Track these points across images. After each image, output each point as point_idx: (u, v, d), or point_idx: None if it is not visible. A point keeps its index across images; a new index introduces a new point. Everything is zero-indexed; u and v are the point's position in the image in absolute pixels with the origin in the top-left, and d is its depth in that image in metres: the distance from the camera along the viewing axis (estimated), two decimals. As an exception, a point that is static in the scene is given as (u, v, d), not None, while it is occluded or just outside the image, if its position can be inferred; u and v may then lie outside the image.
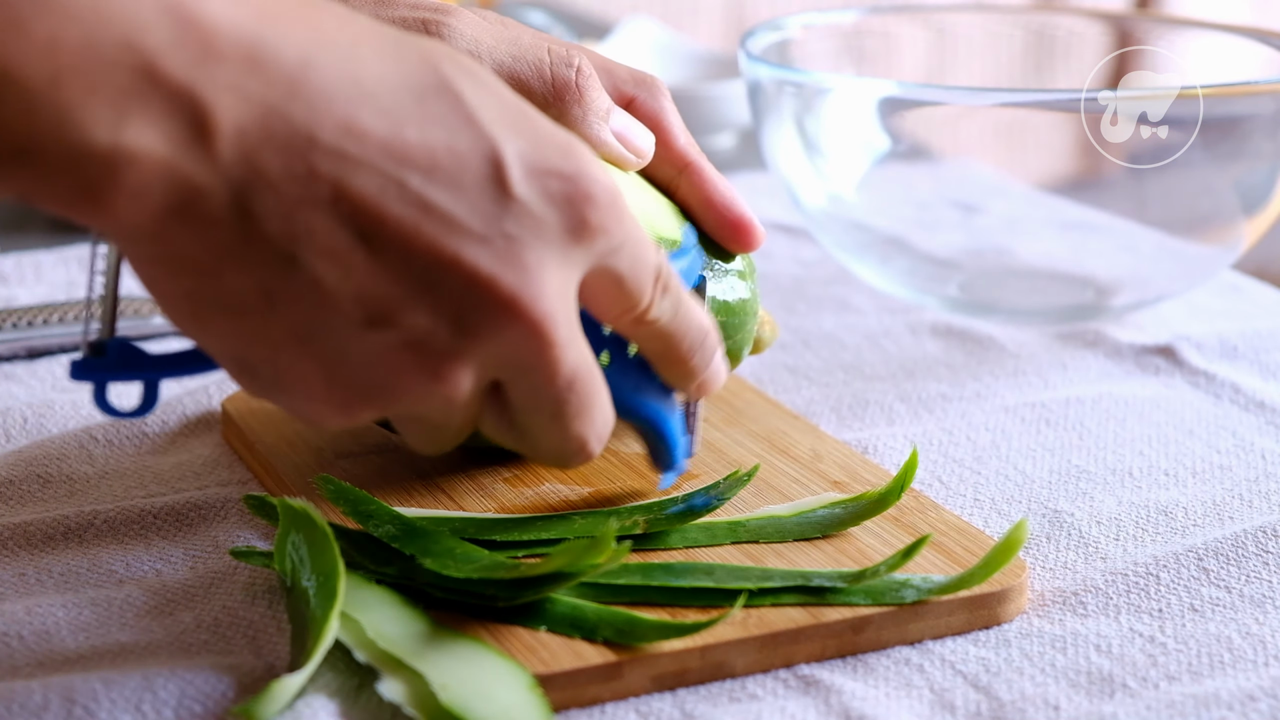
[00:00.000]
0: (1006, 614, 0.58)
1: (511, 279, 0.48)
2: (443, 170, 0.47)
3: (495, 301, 0.48)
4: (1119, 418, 0.75)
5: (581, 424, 0.52)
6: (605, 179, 0.50)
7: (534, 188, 0.48)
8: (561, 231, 0.49)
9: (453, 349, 0.48)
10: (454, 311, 0.47)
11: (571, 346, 0.50)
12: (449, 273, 0.47)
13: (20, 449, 0.70)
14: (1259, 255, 1.00)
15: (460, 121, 0.47)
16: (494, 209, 0.47)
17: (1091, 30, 0.99)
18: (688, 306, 0.56)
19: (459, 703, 0.50)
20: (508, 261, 0.48)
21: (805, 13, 0.96)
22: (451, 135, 0.47)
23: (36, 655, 0.54)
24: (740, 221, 0.66)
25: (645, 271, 0.52)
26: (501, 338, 0.48)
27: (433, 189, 0.47)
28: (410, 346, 0.48)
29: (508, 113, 0.49)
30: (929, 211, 1.00)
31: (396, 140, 0.46)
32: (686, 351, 0.56)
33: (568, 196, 0.49)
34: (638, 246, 0.52)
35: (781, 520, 0.61)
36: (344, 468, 0.65)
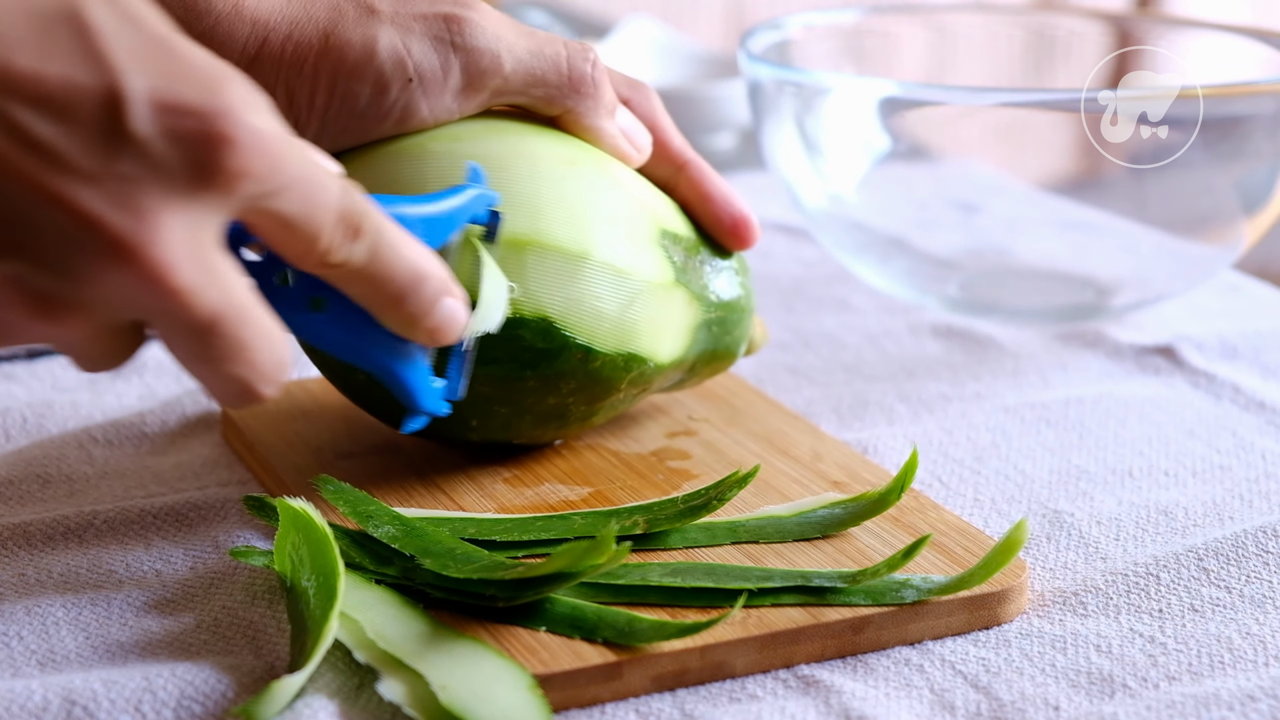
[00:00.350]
0: (1006, 614, 0.58)
1: (121, 221, 0.45)
2: (52, 102, 0.44)
3: (102, 245, 0.45)
4: (1119, 418, 0.75)
5: (235, 367, 0.49)
6: (254, 121, 0.47)
7: (158, 126, 0.45)
8: (188, 174, 0.46)
9: (58, 291, 0.46)
10: (56, 252, 0.45)
11: (206, 290, 0.47)
12: (51, 211, 0.45)
13: (20, 449, 0.70)
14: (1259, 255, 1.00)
15: (82, 52, 0.45)
16: (107, 147, 0.45)
17: (1091, 30, 0.99)
18: (392, 249, 0.53)
19: (459, 703, 0.50)
20: (119, 203, 0.45)
21: (805, 13, 0.96)
22: (70, 66, 0.45)
23: (36, 655, 0.54)
24: (738, 218, 0.66)
25: (319, 213, 0.49)
26: (111, 282, 0.46)
27: (38, 121, 0.44)
28: (12, 283, 0.46)
29: (145, 44, 0.46)
30: (929, 211, 1.00)
31: (2, 68, 0.44)
32: (394, 296, 0.53)
33: (199, 136, 0.46)
34: (308, 188, 0.49)
35: (781, 520, 0.61)
36: (344, 468, 0.65)
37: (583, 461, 0.66)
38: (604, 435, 0.69)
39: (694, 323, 0.65)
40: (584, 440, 0.68)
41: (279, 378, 0.50)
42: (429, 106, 0.62)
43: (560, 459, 0.67)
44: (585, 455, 0.67)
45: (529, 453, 0.67)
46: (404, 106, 0.61)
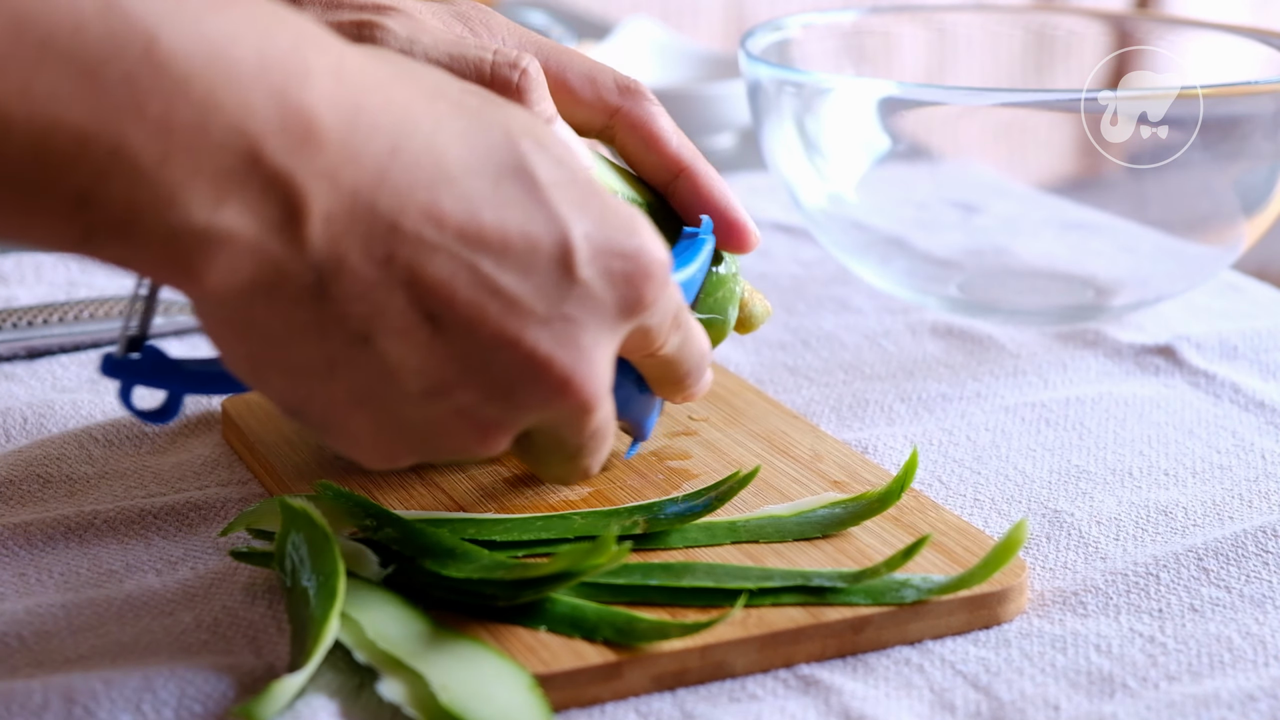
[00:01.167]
0: (1006, 614, 0.58)
1: (566, 359, 0.50)
2: (514, 254, 0.48)
3: (549, 381, 0.50)
4: (1119, 418, 0.75)
5: (592, 460, 0.55)
6: (661, 253, 0.52)
7: (597, 269, 0.50)
8: (617, 309, 0.51)
9: (502, 419, 0.50)
10: (509, 387, 0.49)
11: (604, 407, 0.52)
12: (508, 352, 0.49)
13: (20, 449, 0.70)
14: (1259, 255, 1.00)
15: (534, 204, 0.49)
16: (558, 291, 0.49)
17: (1091, 30, 0.99)
18: (692, 336, 0.58)
19: (459, 703, 0.50)
20: (564, 343, 0.50)
21: (805, 13, 0.96)
22: (525, 218, 0.49)
23: (36, 655, 0.54)
24: (736, 224, 0.66)
25: (667, 319, 0.55)
26: (549, 410, 0.51)
27: (502, 272, 0.48)
28: (463, 415, 0.50)
29: (578, 191, 0.50)
30: (929, 211, 1.00)
31: (472, 225, 0.48)
32: (684, 376, 0.59)
33: (627, 276, 0.51)
34: (669, 302, 0.54)
35: (781, 520, 0.61)
36: (344, 467, 0.65)
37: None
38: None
39: None
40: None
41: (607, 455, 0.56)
42: None
43: (560, 459, 0.66)
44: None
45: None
46: None
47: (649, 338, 0.54)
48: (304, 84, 0.44)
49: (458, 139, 0.48)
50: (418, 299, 0.47)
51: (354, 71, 0.46)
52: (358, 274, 0.46)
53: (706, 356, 0.60)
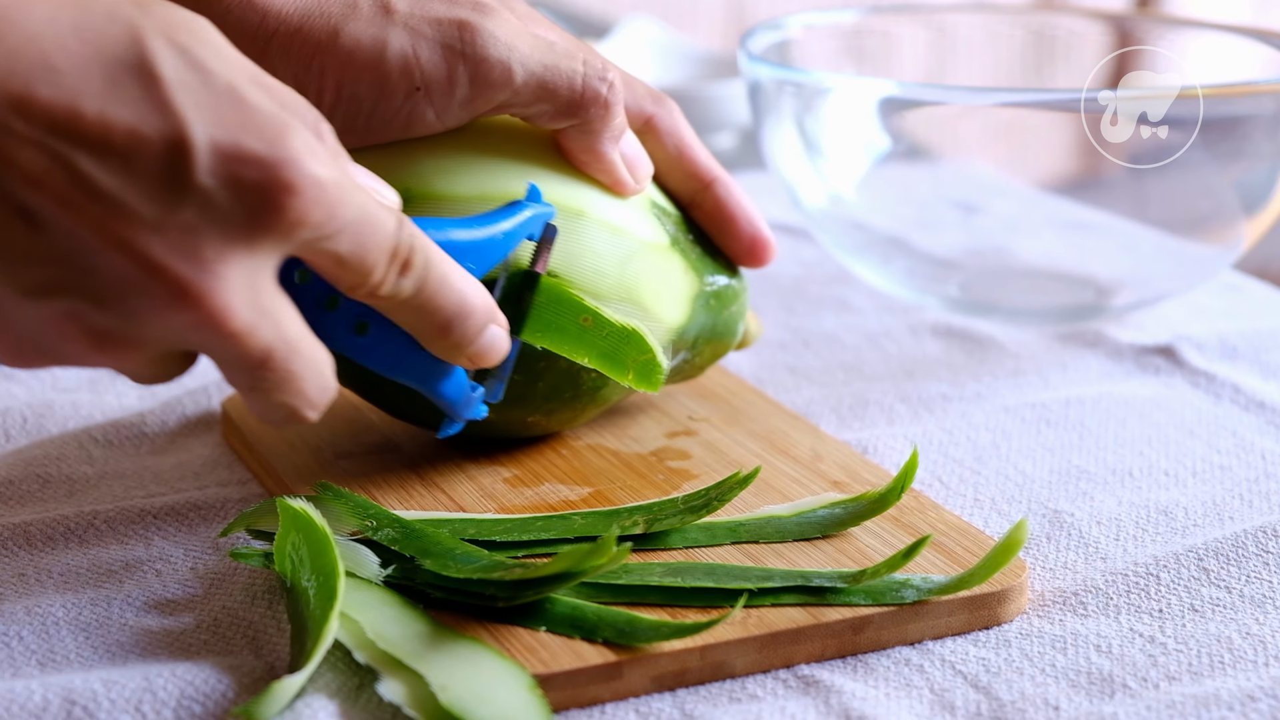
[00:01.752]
0: (1006, 614, 0.58)
1: (183, 270, 0.47)
2: (115, 152, 0.46)
3: (162, 291, 0.47)
4: (1119, 418, 0.75)
5: (284, 395, 0.50)
6: (315, 168, 0.48)
7: (221, 176, 0.47)
8: (249, 222, 0.47)
9: (116, 328, 0.47)
10: (118, 294, 0.47)
11: (259, 329, 0.48)
12: (113, 256, 0.46)
13: (20, 449, 0.70)
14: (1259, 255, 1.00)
15: (149, 102, 0.46)
16: (171, 196, 0.46)
17: (1091, 30, 0.99)
18: (442, 282, 0.54)
19: (458, 703, 0.50)
20: (180, 252, 0.47)
21: (805, 13, 0.96)
22: (136, 116, 0.46)
23: (36, 655, 0.54)
24: (758, 240, 0.66)
25: (371, 252, 0.51)
26: (170, 323, 0.47)
27: (102, 171, 0.46)
28: (72, 319, 0.47)
29: (212, 94, 0.47)
30: (929, 211, 1.00)
31: (68, 117, 0.45)
32: (440, 326, 0.55)
33: (261, 184, 0.47)
34: (361, 229, 0.50)
35: (781, 520, 0.61)
36: (344, 468, 0.65)
37: (583, 461, 0.66)
38: (604, 435, 0.69)
39: (692, 293, 0.66)
40: (584, 440, 0.68)
41: (323, 403, 0.52)
42: (435, 114, 0.61)
43: (560, 459, 0.67)
44: (585, 455, 0.67)
45: (529, 452, 0.67)
46: (409, 114, 0.61)
47: (347, 268, 0.51)
48: None
49: (72, 31, 0.46)
50: (7, 192, 0.45)
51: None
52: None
53: (477, 312, 0.55)
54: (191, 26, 0.48)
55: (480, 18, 0.61)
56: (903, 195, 0.97)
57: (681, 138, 0.66)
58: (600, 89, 0.62)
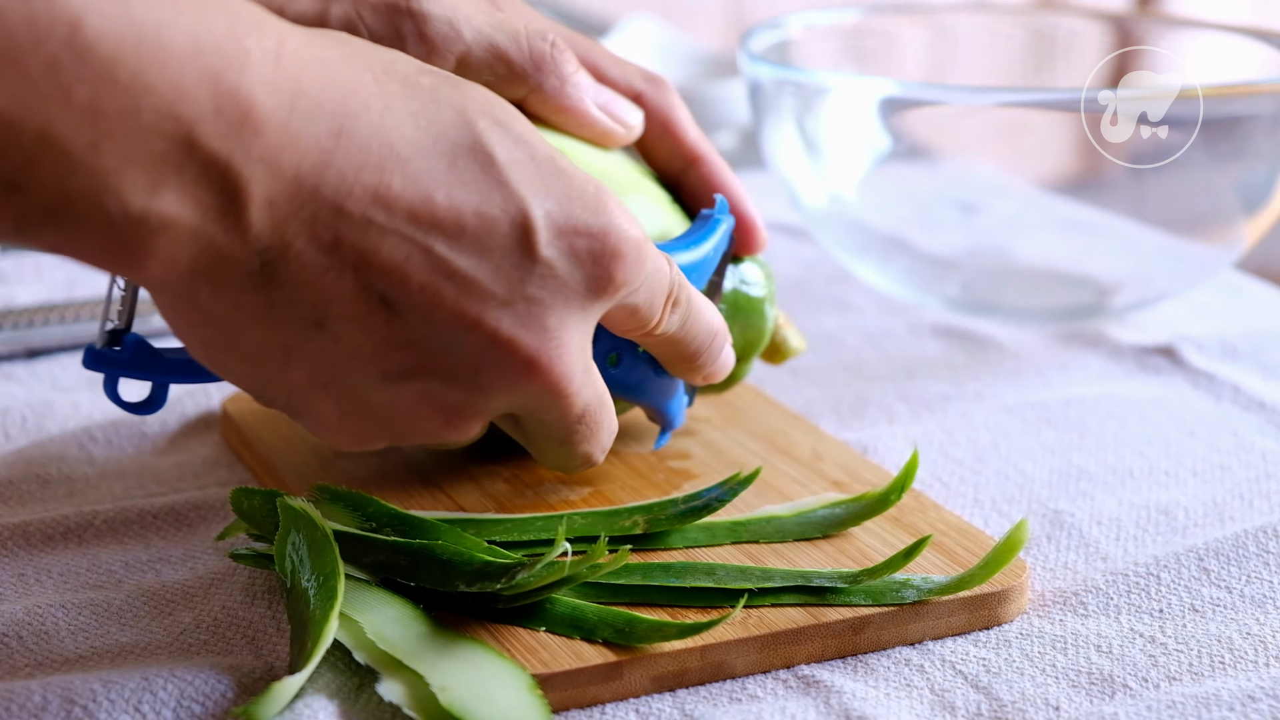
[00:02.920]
0: (1007, 614, 0.58)
1: (531, 342, 0.49)
2: (469, 235, 0.48)
3: (514, 364, 0.49)
4: (1119, 418, 0.75)
5: (588, 446, 0.54)
6: (633, 230, 0.51)
7: (560, 248, 0.49)
8: (586, 289, 0.50)
9: (469, 403, 0.50)
10: (472, 371, 0.49)
11: (584, 390, 0.51)
12: (468, 335, 0.48)
13: (20, 449, 0.70)
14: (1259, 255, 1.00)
15: (491, 184, 0.48)
16: (518, 272, 0.48)
17: (1091, 30, 0.99)
18: (697, 313, 0.57)
19: (458, 704, 0.49)
20: (528, 325, 0.49)
21: (805, 13, 0.96)
22: (481, 198, 0.48)
23: (36, 655, 0.54)
24: (746, 220, 0.66)
25: (659, 299, 0.54)
26: (518, 394, 0.50)
27: (457, 254, 0.47)
28: (426, 399, 0.49)
29: (539, 169, 0.49)
30: (929, 211, 1.00)
31: (424, 206, 0.47)
32: (693, 354, 0.58)
33: (594, 254, 0.50)
34: (656, 281, 0.53)
35: (781, 520, 0.61)
36: (344, 467, 0.65)
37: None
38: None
39: None
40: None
41: (609, 445, 0.55)
42: None
43: (560, 459, 0.66)
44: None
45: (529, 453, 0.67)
46: None
47: (638, 317, 0.54)
48: (241, 68, 0.44)
49: (409, 119, 0.47)
50: (369, 283, 0.47)
51: (294, 52, 0.45)
52: (304, 259, 0.46)
53: (720, 334, 0.59)
54: (502, 105, 0.50)
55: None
56: (903, 195, 0.97)
57: (670, 113, 0.66)
58: (542, 46, 0.62)
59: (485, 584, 0.54)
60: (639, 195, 0.63)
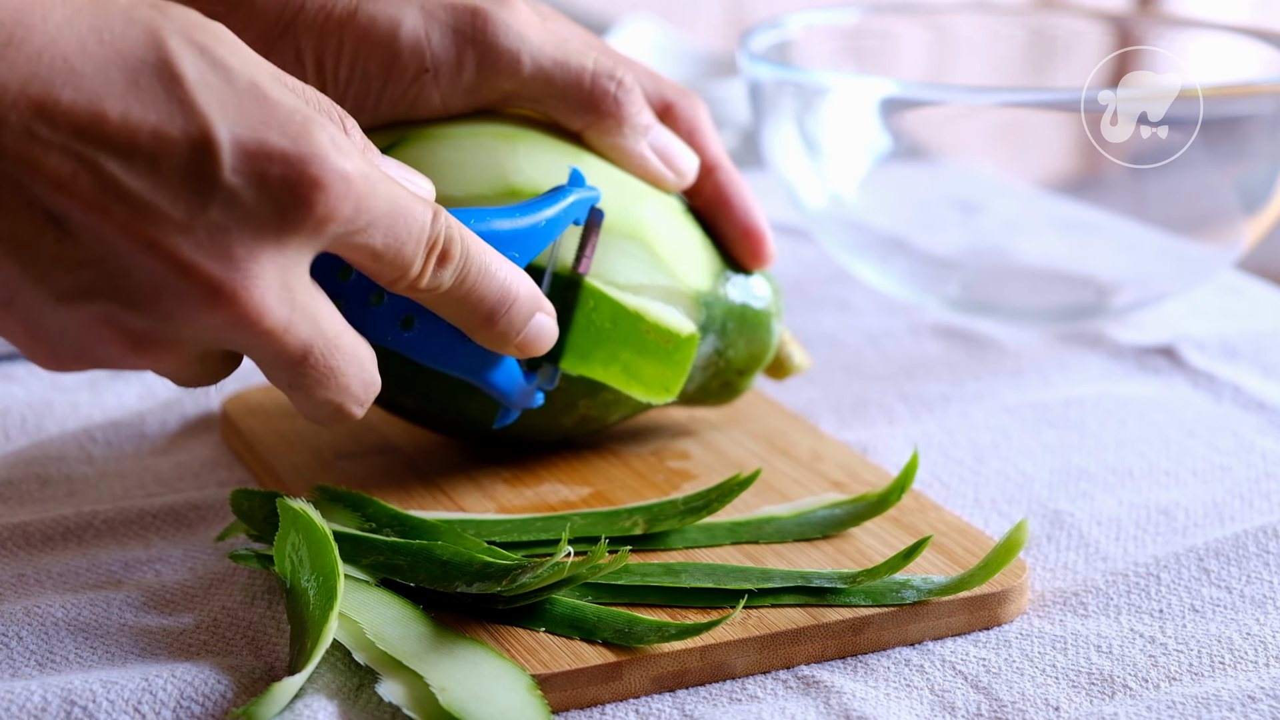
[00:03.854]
0: (1007, 614, 0.57)
1: (214, 270, 0.47)
2: (142, 154, 0.46)
3: (195, 291, 0.47)
4: (1119, 418, 0.75)
5: (326, 392, 0.51)
6: (341, 162, 0.48)
7: (246, 174, 0.47)
8: (278, 218, 0.47)
9: (152, 329, 0.47)
10: (151, 296, 0.47)
11: (296, 326, 0.49)
12: (145, 258, 0.46)
13: (20, 449, 0.70)
14: (1259, 255, 1.00)
15: (173, 102, 0.46)
16: (199, 197, 0.46)
17: (1091, 30, 0.99)
18: (484, 272, 0.54)
19: (458, 704, 0.49)
20: (210, 252, 0.46)
21: (805, 12, 0.96)
22: (161, 117, 0.46)
23: (36, 655, 0.54)
24: (752, 229, 0.66)
25: (407, 244, 0.51)
26: (204, 323, 0.47)
27: (129, 174, 0.46)
28: (106, 322, 0.47)
29: (235, 94, 0.47)
30: (929, 211, 1.00)
31: (93, 121, 0.45)
32: (484, 317, 0.55)
33: (287, 182, 0.47)
34: (395, 221, 0.50)
35: (781, 521, 0.61)
36: (344, 468, 0.65)
37: (583, 461, 0.66)
38: (604, 435, 0.69)
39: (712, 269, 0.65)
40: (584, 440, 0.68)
41: (368, 398, 0.52)
42: (441, 98, 0.61)
43: (560, 459, 0.66)
44: (585, 455, 0.67)
45: (529, 452, 0.67)
46: (415, 96, 0.61)
47: (384, 261, 0.50)
48: None
49: (91, 33, 0.46)
50: (34, 198, 0.45)
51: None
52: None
53: (520, 300, 0.55)
54: (209, 27, 0.48)
55: (495, 7, 0.61)
56: (903, 195, 0.97)
57: (696, 124, 0.66)
58: (608, 86, 0.62)
59: (486, 585, 0.54)
60: (651, 202, 0.63)
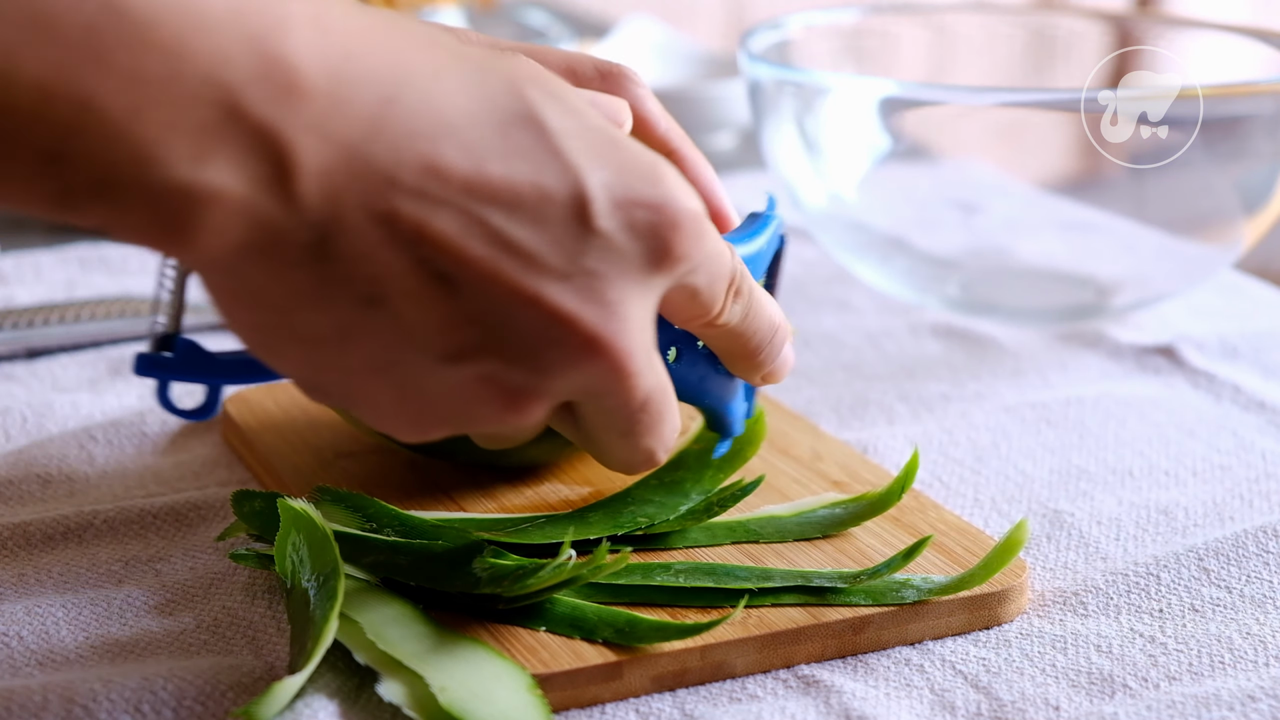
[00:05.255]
0: (1007, 614, 0.58)
1: (592, 317, 0.47)
2: (525, 206, 0.46)
3: (575, 340, 0.47)
4: (1119, 418, 0.75)
5: (650, 439, 0.52)
6: (691, 203, 0.49)
7: (618, 220, 0.47)
8: (645, 262, 0.48)
9: (530, 384, 0.48)
10: (533, 349, 0.47)
11: (648, 372, 0.49)
12: (528, 311, 0.46)
13: (20, 449, 0.70)
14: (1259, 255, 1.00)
15: (545, 153, 0.46)
16: (576, 245, 0.47)
17: (1091, 30, 0.99)
18: (758, 306, 0.55)
19: (458, 704, 0.49)
20: (588, 298, 0.47)
21: (805, 13, 0.96)
22: (535, 169, 0.46)
23: (36, 655, 0.54)
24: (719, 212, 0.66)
25: (720, 283, 0.52)
26: (580, 373, 0.48)
27: (514, 226, 0.46)
28: (487, 381, 0.47)
29: (593, 139, 0.48)
30: (929, 211, 1.00)
31: (478, 177, 0.45)
32: (755, 349, 0.56)
33: (652, 226, 0.48)
34: (716, 261, 0.51)
35: (781, 520, 0.61)
36: (344, 468, 0.65)
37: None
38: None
39: None
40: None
41: (674, 443, 0.53)
42: None
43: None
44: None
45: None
46: None
47: (698, 301, 0.51)
48: (284, 31, 0.42)
49: (459, 88, 0.46)
50: (425, 258, 0.45)
51: (338, 18, 0.44)
52: (358, 232, 0.44)
53: (781, 330, 0.57)
54: (551, 75, 0.49)
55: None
56: (903, 195, 0.97)
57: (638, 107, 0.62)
58: None
59: (486, 585, 0.54)
60: None
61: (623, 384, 0.49)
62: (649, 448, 0.52)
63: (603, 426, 0.51)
